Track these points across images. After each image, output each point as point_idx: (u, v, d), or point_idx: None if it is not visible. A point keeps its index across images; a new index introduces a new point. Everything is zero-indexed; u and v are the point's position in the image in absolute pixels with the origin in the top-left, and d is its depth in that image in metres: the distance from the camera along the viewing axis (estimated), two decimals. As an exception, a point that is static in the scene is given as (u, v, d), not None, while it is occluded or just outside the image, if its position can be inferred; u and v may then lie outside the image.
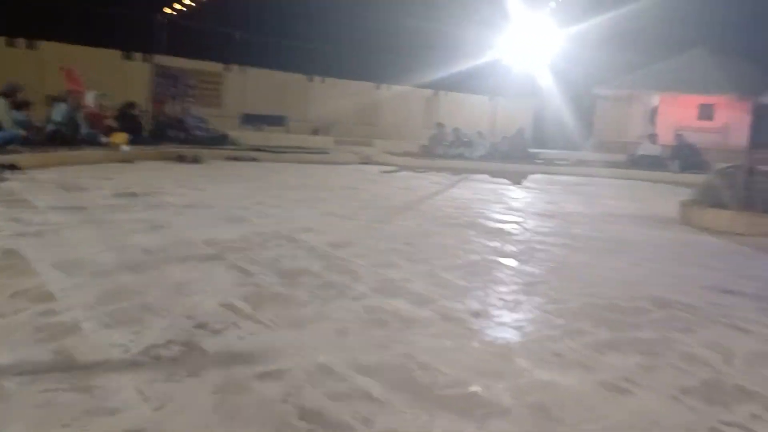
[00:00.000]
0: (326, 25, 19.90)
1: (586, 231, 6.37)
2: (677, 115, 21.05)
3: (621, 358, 2.76)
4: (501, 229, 6.15)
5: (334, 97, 19.06)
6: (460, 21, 18.70)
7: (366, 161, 14.17)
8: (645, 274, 4.51)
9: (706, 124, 20.64)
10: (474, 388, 2.35)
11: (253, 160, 12.58)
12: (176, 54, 16.62)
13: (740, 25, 20.50)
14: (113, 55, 16.05)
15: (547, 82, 20.13)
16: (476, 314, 3.28)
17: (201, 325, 2.85)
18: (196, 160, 11.42)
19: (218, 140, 13.96)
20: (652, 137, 16.52)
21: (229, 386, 2.24)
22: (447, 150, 15.85)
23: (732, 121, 20.06)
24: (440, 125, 16.93)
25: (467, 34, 18.52)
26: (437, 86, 21.10)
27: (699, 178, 10.25)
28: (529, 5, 18.25)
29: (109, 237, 4.65)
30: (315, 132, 17.93)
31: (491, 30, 18.48)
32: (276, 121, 17.48)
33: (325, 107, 18.77)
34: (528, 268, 4.49)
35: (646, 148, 16.00)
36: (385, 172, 12.28)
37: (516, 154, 15.78)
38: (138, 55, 16.39)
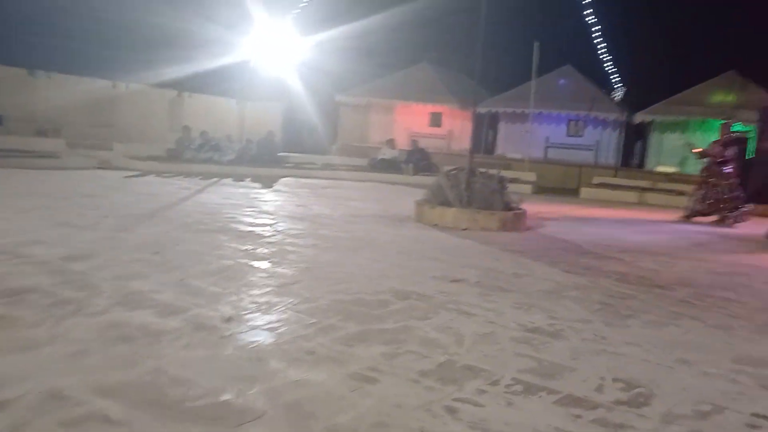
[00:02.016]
0: (51, 14, 17.83)
1: (334, 231, 6.68)
2: (411, 122, 23.10)
3: (367, 349, 2.96)
4: (253, 233, 6.15)
5: (64, 94, 17.18)
6: (202, 20, 18.16)
7: (105, 166, 13.08)
8: (386, 269, 4.88)
9: (435, 130, 22.96)
10: (227, 396, 2.33)
11: (-38, 164, 10.83)
12: None
13: (454, 45, 23.23)
14: None
15: (295, 87, 20.57)
16: (229, 320, 3.24)
17: None
18: None
19: None
20: (391, 142, 17.90)
21: (-63, 430, 1.92)
22: (195, 154, 15.32)
23: (456, 128, 22.58)
24: (186, 128, 16.31)
25: (211, 33, 18.08)
26: (182, 87, 20.21)
27: (429, 179, 11.37)
28: (273, 11, 18.49)
29: None
30: (42, 133, 15.99)
31: (235, 31, 18.31)
32: (-10, 121, 15.23)
33: (54, 106, 16.84)
34: (280, 270, 4.56)
35: (386, 152, 17.26)
36: (128, 177, 11.47)
37: (266, 158, 15.86)
38: None
